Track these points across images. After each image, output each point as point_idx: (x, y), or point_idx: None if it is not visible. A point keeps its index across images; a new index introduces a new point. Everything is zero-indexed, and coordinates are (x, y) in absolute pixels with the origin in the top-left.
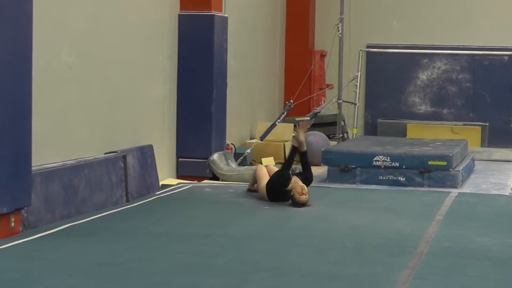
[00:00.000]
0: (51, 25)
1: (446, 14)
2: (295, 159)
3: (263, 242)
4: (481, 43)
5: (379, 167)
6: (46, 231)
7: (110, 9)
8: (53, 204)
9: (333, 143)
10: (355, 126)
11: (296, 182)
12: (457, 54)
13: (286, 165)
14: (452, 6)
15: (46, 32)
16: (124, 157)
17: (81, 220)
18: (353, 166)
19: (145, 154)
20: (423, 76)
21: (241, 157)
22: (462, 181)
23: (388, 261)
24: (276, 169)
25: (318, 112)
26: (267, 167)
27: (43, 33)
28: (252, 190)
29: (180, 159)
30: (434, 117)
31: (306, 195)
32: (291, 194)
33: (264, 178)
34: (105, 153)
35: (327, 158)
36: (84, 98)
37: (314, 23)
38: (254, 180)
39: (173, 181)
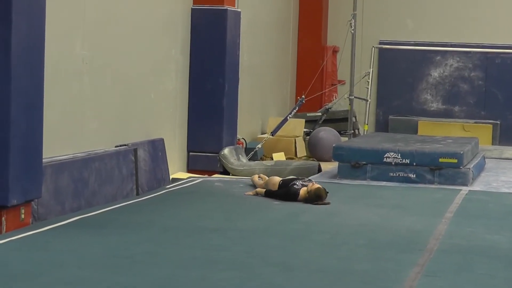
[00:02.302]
0: (65, 17)
1: (459, 12)
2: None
3: (272, 237)
4: (493, 41)
5: (389, 163)
6: (56, 223)
7: (123, 2)
8: (63, 196)
9: (344, 139)
10: (366, 122)
11: (305, 191)
12: (470, 52)
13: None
14: (465, 4)
15: (60, 24)
16: (135, 151)
17: (91, 212)
18: (364, 162)
19: (156, 147)
20: (435, 73)
21: (252, 152)
22: (472, 179)
23: (398, 258)
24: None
25: (330, 108)
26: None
27: (56, 25)
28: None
29: (191, 153)
30: (445, 114)
31: (315, 185)
32: (308, 198)
33: (275, 184)
34: (116, 146)
35: (338, 154)
36: (96, 90)
37: (327, 19)
38: (260, 186)
39: (184, 175)
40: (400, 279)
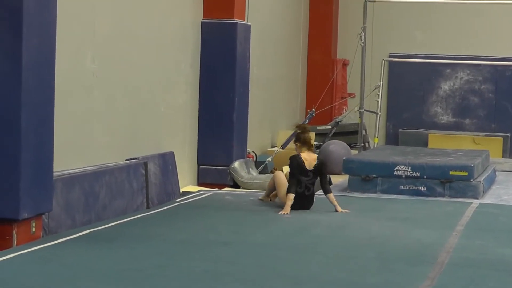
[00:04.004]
0: (75, 31)
1: (469, 25)
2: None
3: (283, 250)
4: (504, 54)
5: (400, 176)
6: (66, 236)
7: (133, 17)
8: (74, 210)
9: (354, 152)
10: (376, 135)
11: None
12: (480, 65)
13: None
14: (475, 17)
15: (70, 38)
16: (146, 164)
17: (101, 226)
18: (374, 175)
19: (167, 161)
20: (446, 86)
21: (262, 165)
22: (483, 192)
23: (409, 271)
24: None
25: (340, 121)
26: (285, 174)
27: (67, 39)
28: (267, 200)
29: (201, 167)
30: (456, 127)
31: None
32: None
33: (284, 185)
34: (126, 160)
35: (348, 167)
36: (106, 104)
37: (337, 32)
38: (271, 189)
39: (194, 188)
40: None
